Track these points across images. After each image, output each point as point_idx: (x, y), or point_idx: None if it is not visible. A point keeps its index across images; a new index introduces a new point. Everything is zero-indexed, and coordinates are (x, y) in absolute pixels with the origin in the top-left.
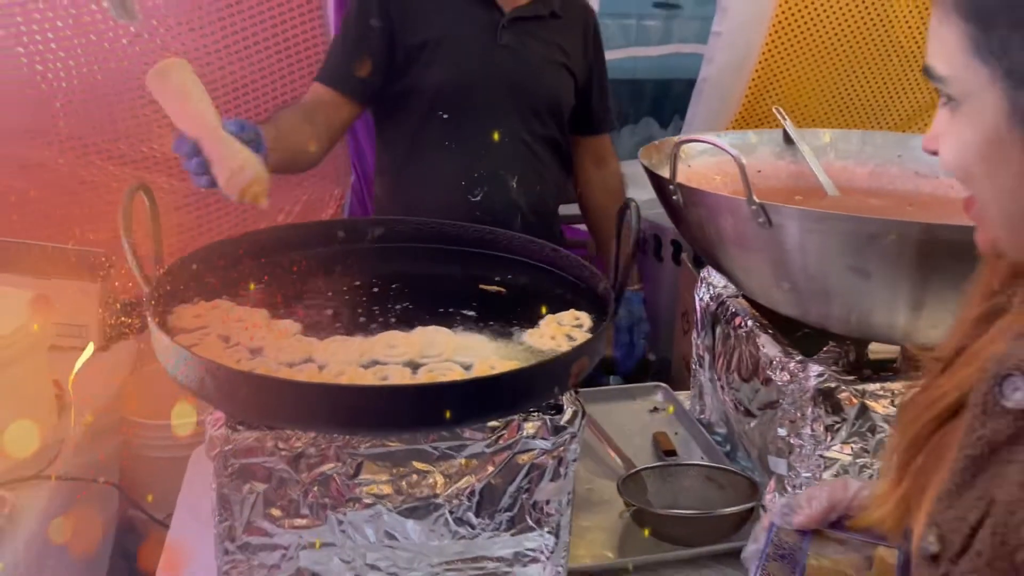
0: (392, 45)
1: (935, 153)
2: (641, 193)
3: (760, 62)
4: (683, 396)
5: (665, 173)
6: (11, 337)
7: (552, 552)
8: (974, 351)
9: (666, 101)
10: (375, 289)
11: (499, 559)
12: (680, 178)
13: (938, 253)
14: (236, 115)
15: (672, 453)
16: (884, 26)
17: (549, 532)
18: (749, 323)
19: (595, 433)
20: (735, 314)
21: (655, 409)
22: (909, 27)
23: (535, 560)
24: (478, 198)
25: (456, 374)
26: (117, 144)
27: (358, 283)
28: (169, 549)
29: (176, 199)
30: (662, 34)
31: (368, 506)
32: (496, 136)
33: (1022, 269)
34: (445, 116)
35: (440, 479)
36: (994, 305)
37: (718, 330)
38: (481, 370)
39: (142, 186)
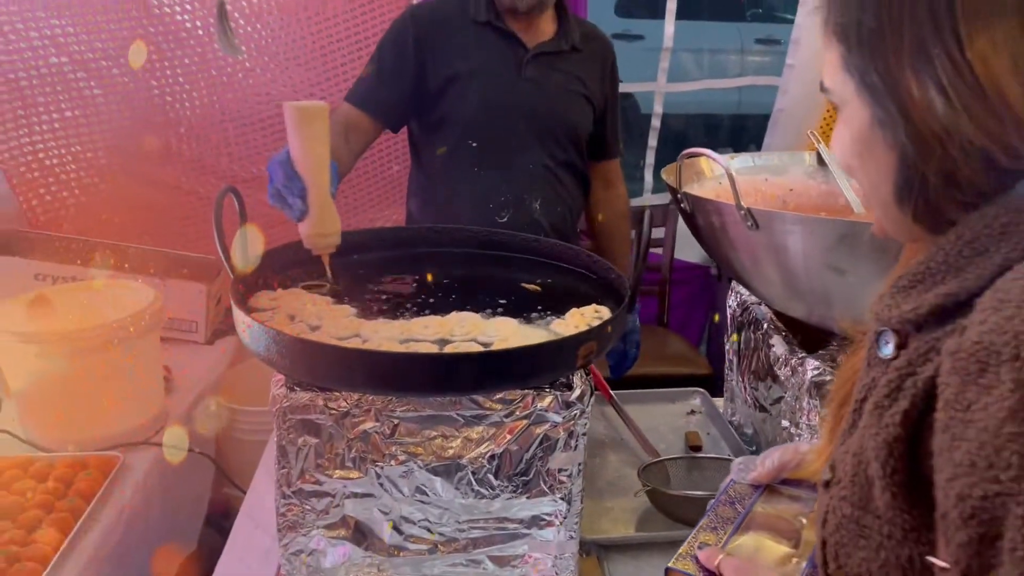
0: (423, 76)
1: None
2: None
3: None
4: (720, 401)
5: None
6: (130, 319)
7: (565, 517)
8: None
9: (743, 132)
10: (425, 285)
11: (519, 521)
12: (710, 195)
13: (895, 249)
14: None
15: (698, 448)
16: None
17: (562, 498)
18: (765, 326)
19: (629, 427)
20: (756, 319)
21: (692, 412)
22: None
23: (550, 524)
24: (504, 219)
25: (474, 348)
26: (231, 166)
27: (413, 279)
28: (249, 496)
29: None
30: (744, 69)
31: (402, 463)
32: (521, 162)
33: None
34: (474, 144)
35: (464, 443)
36: None
37: (743, 335)
38: (498, 347)
39: (231, 188)
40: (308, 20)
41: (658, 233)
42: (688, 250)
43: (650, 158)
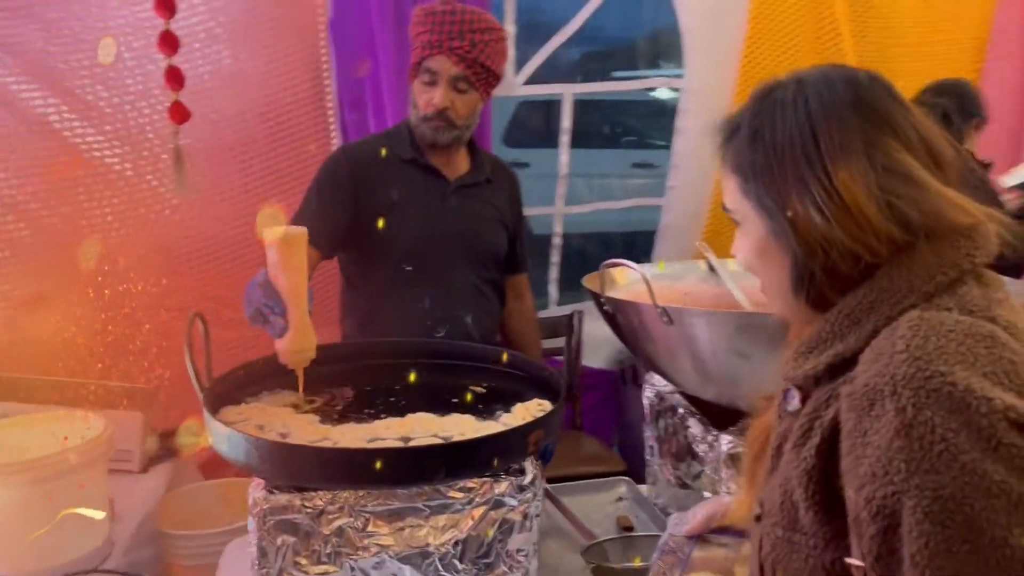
0: (359, 209)
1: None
2: None
3: (712, 209)
4: (643, 487)
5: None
6: (85, 446)
7: None
8: None
9: (634, 246)
10: (380, 392)
11: None
12: (628, 298)
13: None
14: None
15: (631, 529)
16: None
17: None
18: (681, 411)
19: (565, 515)
20: (672, 406)
21: (619, 499)
22: None
23: None
24: (441, 334)
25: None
26: (160, 297)
27: (367, 388)
28: None
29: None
30: (627, 190)
31: (375, 554)
32: (452, 282)
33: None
34: (409, 268)
35: (430, 531)
36: None
37: (661, 422)
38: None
39: (198, 315)
40: (233, 157)
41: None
42: (595, 356)
43: (553, 274)
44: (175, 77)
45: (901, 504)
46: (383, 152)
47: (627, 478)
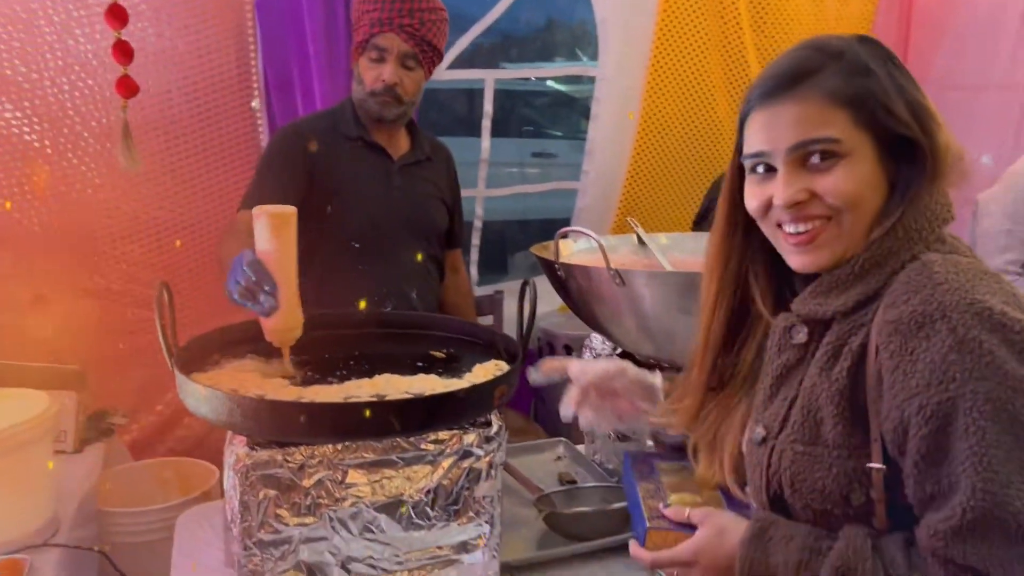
0: (310, 186)
1: (808, 198)
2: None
3: (624, 192)
4: (581, 447)
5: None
6: (34, 421)
7: (489, 538)
8: (741, 372)
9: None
10: (341, 359)
11: (450, 547)
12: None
13: None
14: None
15: (573, 483)
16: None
17: (486, 522)
18: None
19: (512, 474)
20: None
21: (558, 458)
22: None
23: (476, 547)
24: (388, 309)
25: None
26: (92, 279)
27: (326, 356)
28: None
29: None
30: (541, 176)
31: (352, 504)
32: (398, 259)
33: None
34: (357, 245)
35: (404, 481)
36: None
37: None
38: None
39: (165, 284)
40: (158, 136)
41: (485, 321)
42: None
43: (474, 255)
44: (123, 51)
45: (956, 407)
46: (328, 130)
47: (564, 439)
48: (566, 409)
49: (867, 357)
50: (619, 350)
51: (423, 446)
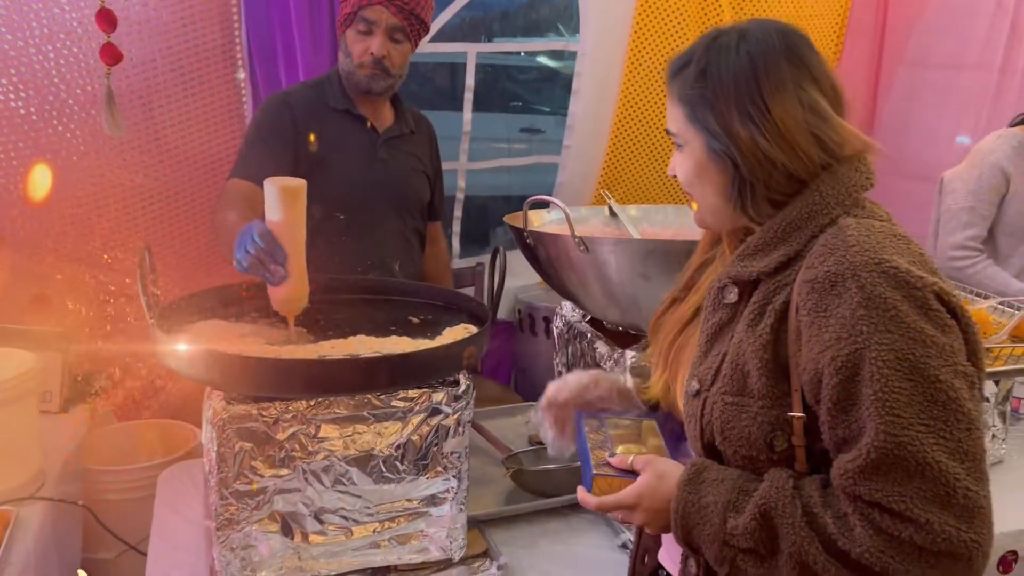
0: (297, 156)
1: (675, 174)
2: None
3: (604, 166)
4: None
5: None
6: (20, 378)
7: (456, 492)
8: (699, 284)
9: None
10: (318, 323)
11: (419, 500)
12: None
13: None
14: None
15: (541, 444)
16: None
17: (454, 476)
18: (589, 335)
19: (483, 435)
20: (580, 332)
21: (528, 421)
22: None
23: (444, 500)
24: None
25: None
26: (75, 246)
27: (316, 318)
28: (156, 532)
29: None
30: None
31: (324, 457)
32: (381, 231)
33: (719, 237)
34: (341, 216)
35: (375, 437)
36: (705, 259)
37: (570, 348)
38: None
39: (147, 247)
40: (142, 104)
41: (467, 292)
42: None
43: (456, 227)
44: (107, 19)
45: (863, 358)
46: (315, 101)
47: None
48: (548, 436)
49: (789, 315)
50: (588, 317)
51: (393, 403)
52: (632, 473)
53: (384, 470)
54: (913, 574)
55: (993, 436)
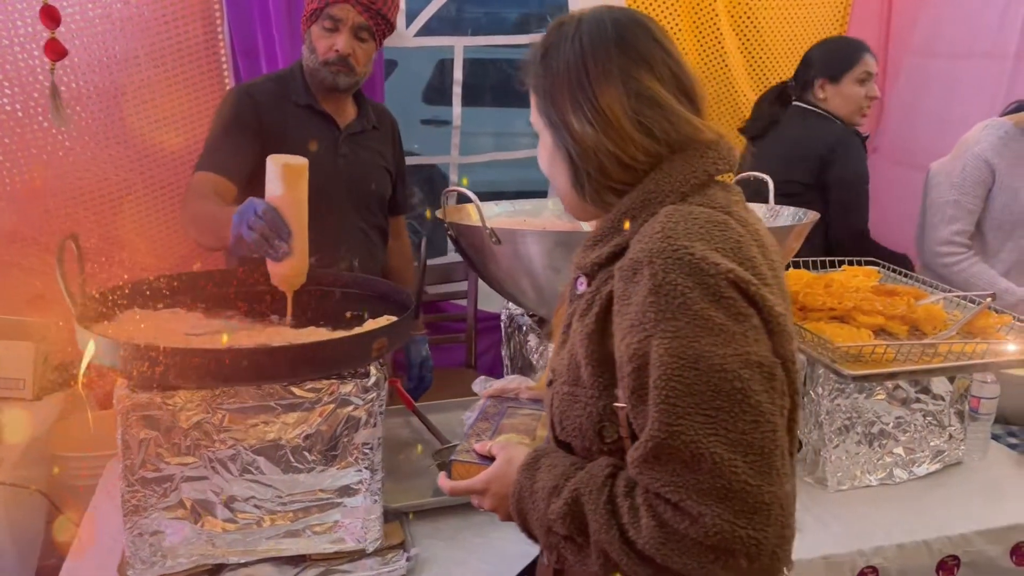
0: (259, 150)
1: None
2: None
3: None
4: None
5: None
6: None
7: (370, 484)
8: None
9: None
10: (270, 312)
11: (332, 491)
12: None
13: None
14: None
15: None
16: None
17: (366, 468)
18: (525, 328)
19: (428, 427)
20: (520, 326)
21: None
22: None
23: (357, 492)
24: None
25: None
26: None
27: (261, 310)
28: (87, 518)
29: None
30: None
31: (230, 446)
32: (341, 228)
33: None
34: None
35: (282, 427)
36: None
37: (512, 341)
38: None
39: (73, 236)
40: (127, 100)
41: (462, 287)
42: (490, 302)
43: None
44: (50, 15)
45: (650, 346)
46: (278, 95)
47: None
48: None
49: (613, 304)
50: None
51: (300, 393)
52: (490, 459)
53: (292, 460)
54: (692, 568)
55: (950, 436)
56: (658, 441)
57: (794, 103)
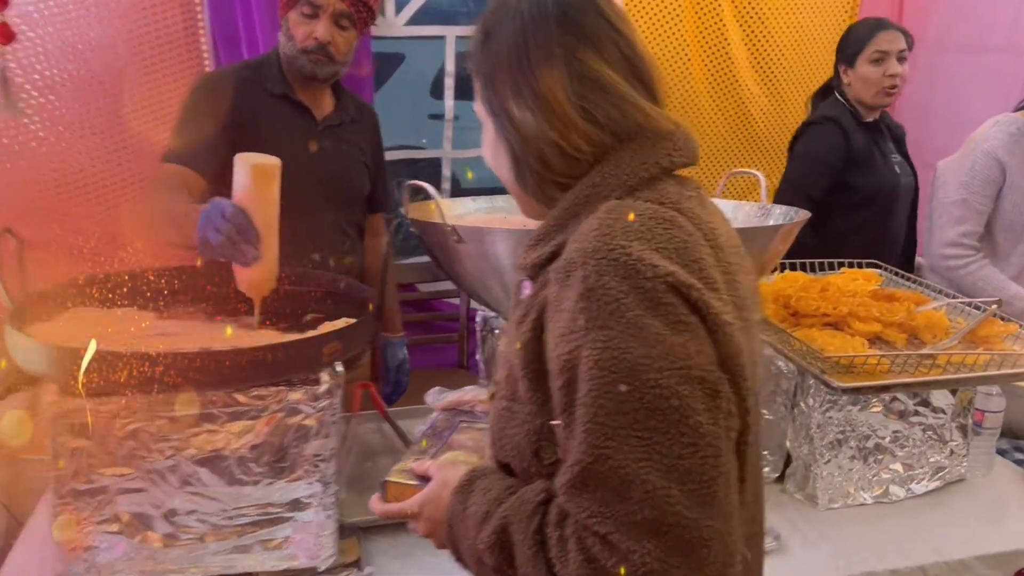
0: (230, 137)
1: None
2: None
3: None
4: None
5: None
6: None
7: (322, 497)
8: None
9: None
10: (211, 312)
11: (282, 505)
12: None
13: None
14: None
15: None
16: (692, 126)
17: (318, 481)
18: (497, 331)
19: (398, 434)
20: (493, 328)
21: None
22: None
23: (309, 506)
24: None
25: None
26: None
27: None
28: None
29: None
30: None
31: (169, 456)
32: (317, 224)
33: None
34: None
35: (226, 437)
36: None
37: (486, 344)
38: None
39: (7, 229)
40: (104, 90)
41: (454, 285)
42: None
43: None
44: None
45: (579, 357)
46: (252, 84)
47: None
48: None
49: (547, 310)
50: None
51: (244, 401)
52: (427, 480)
53: (237, 472)
54: None
55: (952, 452)
56: (584, 466)
57: (835, 95)
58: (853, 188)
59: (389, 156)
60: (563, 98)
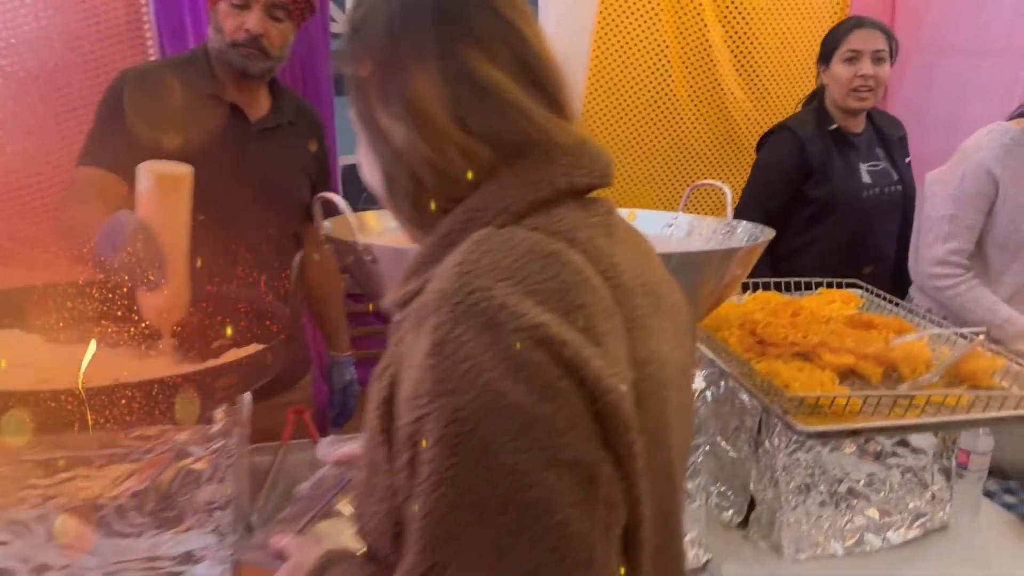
0: (154, 140)
1: None
2: None
3: None
4: None
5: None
6: None
7: (217, 550)
8: None
9: None
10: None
11: (171, 558)
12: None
13: None
14: None
15: None
16: (672, 126)
17: (212, 532)
18: None
19: None
20: None
21: None
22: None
23: (203, 559)
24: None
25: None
26: None
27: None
28: None
29: None
30: None
31: (36, 506)
32: (248, 235)
33: None
34: (202, 218)
35: (104, 483)
36: None
37: None
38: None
39: None
40: (39, 86)
41: None
42: None
43: None
44: None
45: (423, 429)
46: (173, 82)
47: None
48: None
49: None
50: None
51: (126, 442)
52: (283, 559)
53: (115, 523)
54: None
55: (933, 497)
56: (418, 573)
57: (820, 100)
58: (805, 199)
59: (351, 161)
60: (437, 105)
